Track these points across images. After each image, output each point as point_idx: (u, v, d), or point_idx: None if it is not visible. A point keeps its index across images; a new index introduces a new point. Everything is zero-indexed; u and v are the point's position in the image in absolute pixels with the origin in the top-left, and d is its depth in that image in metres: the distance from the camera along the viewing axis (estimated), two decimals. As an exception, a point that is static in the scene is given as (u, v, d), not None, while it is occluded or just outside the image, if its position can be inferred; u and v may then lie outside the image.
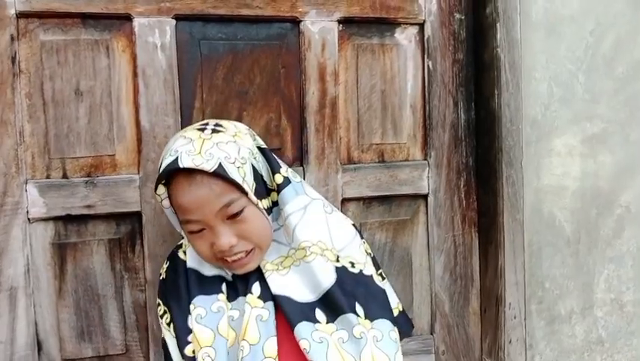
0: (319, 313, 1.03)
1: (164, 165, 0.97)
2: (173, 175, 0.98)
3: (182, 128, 1.28)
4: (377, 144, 1.46)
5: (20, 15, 1.20)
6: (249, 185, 0.98)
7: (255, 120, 1.35)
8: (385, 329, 1.05)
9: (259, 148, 1.06)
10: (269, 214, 1.04)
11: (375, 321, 1.05)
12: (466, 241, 1.54)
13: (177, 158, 0.95)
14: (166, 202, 1.02)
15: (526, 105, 1.47)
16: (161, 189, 1.01)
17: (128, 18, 1.25)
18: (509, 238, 1.46)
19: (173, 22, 1.28)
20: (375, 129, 1.45)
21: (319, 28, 1.38)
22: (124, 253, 1.30)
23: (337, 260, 1.07)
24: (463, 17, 1.50)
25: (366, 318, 1.04)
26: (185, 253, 1.09)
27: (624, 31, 1.54)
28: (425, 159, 1.50)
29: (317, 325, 1.02)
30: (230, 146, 0.99)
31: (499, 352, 1.49)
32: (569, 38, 1.50)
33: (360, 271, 1.09)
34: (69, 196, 1.24)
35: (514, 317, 1.47)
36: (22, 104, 1.21)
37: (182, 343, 1.04)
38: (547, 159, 1.50)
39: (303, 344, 0.99)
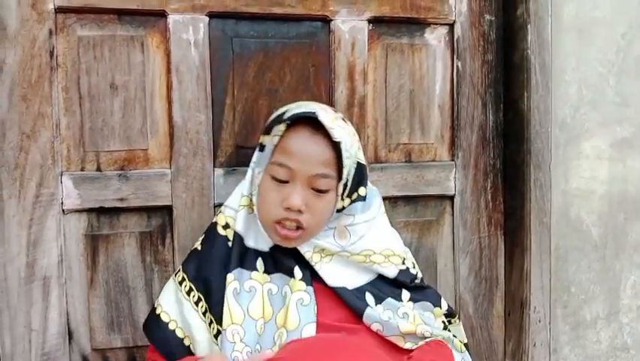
0: (369, 297, 1.09)
1: (299, 111, 1.02)
2: (295, 124, 1.02)
3: (212, 125, 1.31)
4: (404, 144, 1.47)
5: (59, 10, 1.23)
6: (345, 177, 1.04)
7: (284, 118, 1.37)
8: (428, 307, 1.16)
9: (358, 162, 1.10)
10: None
11: (418, 303, 1.15)
12: (492, 243, 1.54)
13: (315, 112, 1.00)
14: (276, 139, 1.03)
15: (555, 108, 1.47)
16: (283, 126, 1.02)
17: (162, 15, 1.28)
18: (536, 241, 1.46)
19: (207, 19, 1.30)
20: (403, 129, 1.46)
21: (349, 27, 1.39)
22: (154, 246, 1.32)
23: (403, 262, 1.15)
24: (493, 18, 1.50)
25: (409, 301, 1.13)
26: (223, 227, 1.12)
27: (657, 35, 1.53)
28: (452, 160, 1.50)
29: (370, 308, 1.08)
30: (350, 138, 1.06)
31: (522, 355, 1.49)
32: (600, 41, 1.50)
33: (416, 273, 1.19)
34: (102, 189, 1.27)
35: (539, 321, 1.47)
36: (58, 97, 1.24)
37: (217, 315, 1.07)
38: (575, 162, 1.50)
39: (376, 327, 1.07)
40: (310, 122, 1.01)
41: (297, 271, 1.07)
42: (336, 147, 1.01)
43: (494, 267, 1.55)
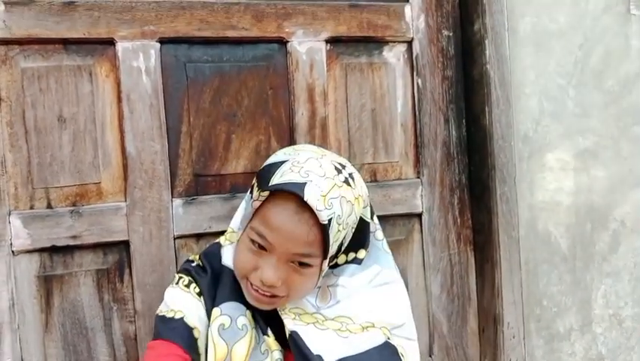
0: None
1: (287, 178, 0.88)
2: (284, 193, 0.89)
3: (169, 154, 1.24)
4: (369, 164, 1.41)
5: (0, 42, 1.15)
6: (333, 251, 0.92)
7: (244, 143, 1.30)
8: None
9: (361, 218, 0.98)
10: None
11: None
12: (462, 259, 1.49)
13: (305, 185, 0.86)
14: (256, 204, 0.92)
15: (517, 121, 1.44)
16: (266, 194, 0.90)
17: (111, 42, 1.21)
18: (505, 256, 1.42)
19: (158, 45, 1.23)
20: (367, 148, 1.41)
21: (307, 48, 1.34)
22: (112, 284, 1.24)
23: (389, 338, 0.98)
24: (451, 34, 1.47)
25: None
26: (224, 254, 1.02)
27: (613, 45, 1.51)
28: (418, 178, 1.45)
29: None
30: (347, 206, 0.90)
31: (499, 372, 1.44)
32: (557, 53, 1.47)
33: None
34: (54, 227, 1.18)
35: (513, 337, 1.43)
36: (3, 133, 1.15)
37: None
38: (540, 174, 1.47)
39: None
40: (295, 195, 0.88)
41: (270, 331, 0.96)
42: (323, 227, 0.88)
43: (466, 283, 1.49)
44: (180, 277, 1.02)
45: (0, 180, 1.15)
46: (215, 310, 0.95)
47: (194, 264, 1.05)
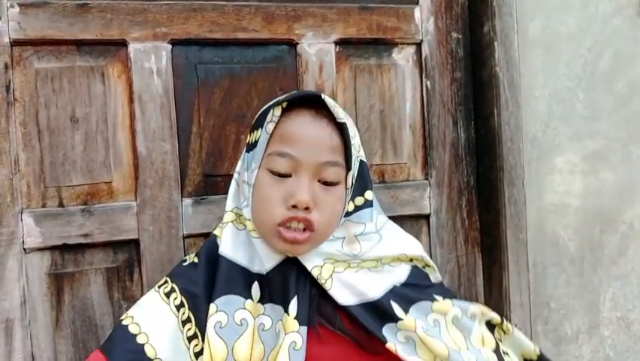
0: (395, 306, 0.90)
1: (293, 96, 0.88)
2: (295, 108, 0.87)
3: (179, 154, 1.23)
4: (377, 165, 1.40)
5: (14, 43, 1.15)
6: (353, 167, 0.89)
7: (253, 144, 1.29)
8: (464, 306, 0.98)
9: (361, 160, 0.95)
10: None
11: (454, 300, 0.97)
12: (470, 261, 1.47)
13: (316, 94, 0.87)
14: (271, 126, 0.88)
15: (526, 123, 1.41)
16: (278, 110, 0.87)
17: (123, 44, 1.20)
18: (513, 259, 1.40)
19: (169, 47, 1.23)
20: (375, 150, 1.39)
21: (316, 50, 1.33)
22: (122, 282, 1.23)
23: (411, 260, 0.99)
24: (460, 36, 1.45)
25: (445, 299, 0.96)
26: (221, 242, 0.93)
27: (622, 48, 1.48)
28: (426, 179, 1.44)
29: (399, 323, 0.89)
30: (353, 127, 0.92)
31: (505, 374, 1.42)
32: (567, 56, 1.45)
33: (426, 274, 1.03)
34: (65, 225, 1.18)
35: (521, 338, 1.40)
36: (16, 132, 1.15)
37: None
38: (548, 177, 1.44)
39: (391, 347, 0.88)
40: (308, 105, 0.87)
41: (293, 307, 0.87)
42: (342, 131, 0.87)
43: (473, 285, 1.48)
44: (164, 282, 0.95)
45: (13, 179, 1.14)
46: (212, 307, 0.87)
47: (186, 263, 0.97)
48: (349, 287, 0.91)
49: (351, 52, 1.37)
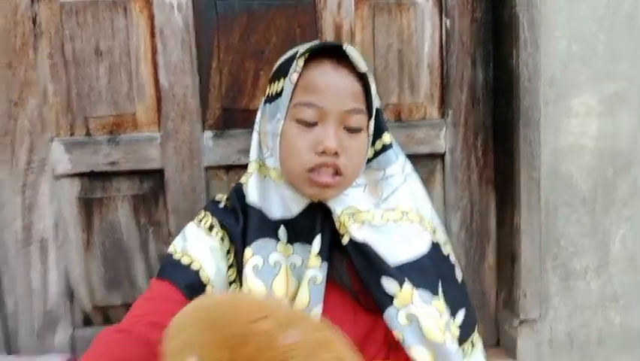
0: (404, 281, 0.86)
1: (309, 46, 0.85)
2: (316, 58, 0.85)
3: (200, 88, 1.20)
4: (394, 104, 1.34)
5: (41, -23, 1.12)
6: (374, 114, 0.88)
7: (272, 80, 1.25)
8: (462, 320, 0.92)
9: (376, 108, 0.93)
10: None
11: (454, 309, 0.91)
12: (483, 199, 1.42)
13: (339, 44, 0.84)
14: (295, 76, 0.85)
15: (545, 64, 1.33)
16: (302, 61, 0.84)
17: (145, -21, 1.17)
18: (525, 197, 1.34)
19: (190, -18, 1.18)
20: (392, 89, 1.34)
21: (335, -13, 1.26)
22: (147, 209, 1.24)
23: (434, 233, 0.94)
24: (481, -25, 1.36)
25: (445, 302, 0.90)
26: (247, 193, 0.91)
27: (649, -12, 1.37)
28: (442, 118, 1.38)
29: (397, 296, 0.85)
30: (372, 77, 0.89)
31: (513, 306, 1.39)
32: (590, -5, 1.35)
33: (448, 255, 0.96)
34: (93, 154, 1.18)
35: (530, 272, 1.36)
36: (44, 64, 1.14)
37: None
38: (565, 118, 1.37)
39: (398, 336, 0.84)
40: (329, 56, 0.84)
41: (316, 243, 0.86)
42: (362, 79, 0.85)
43: (485, 221, 1.43)
44: (204, 216, 0.93)
45: (42, 109, 1.14)
46: (247, 252, 0.86)
47: (221, 205, 0.95)
48: (369, 238, 0.88)
49: (370, -11, 1.30)
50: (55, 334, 1.20)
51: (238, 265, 0.87)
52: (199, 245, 0.88)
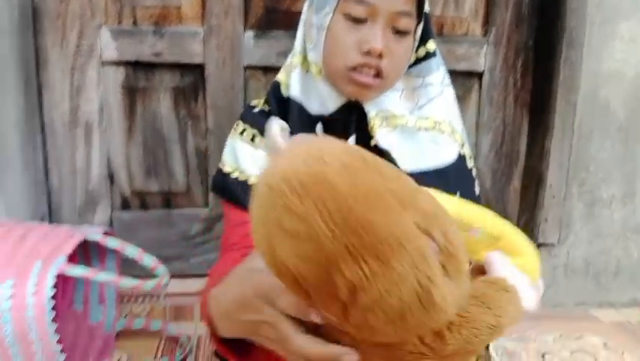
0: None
1: None
2: None
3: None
4: (437, 16, 1.32)
5: None
6: (422, 21, 0.85)
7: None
8: None
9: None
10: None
11: None
12: (516, 121, 1.42)
13: None
14: None
15: (594, -16, 1.28)
16: None
17: None
18: (559, 120, 1.33)
19: None
20: (437, 0, 1.31)
21: None
22: (187, 102, 1.27)
23: (462, 146, 0.93)
24: None
25: None
26: (287, 87, 0.90)
27: None
28: (485, 36, 1.35)
29: None
30: None
31: (534, 229, 1.41)
32: None
33: (471, 169, 0.95)
34: (138, 43, 1.20)
35: (554, 197, 1.37)
36: (95, -51, 1.15)
37: None
38: (609, 42, 1.33)
39: None
40: None
41: (350, 143, 0.84)
42: None
43: (516, 144, 1.43)
44: (244, 129, 0.91)
45: (92, -5, 1.16)
46: None
47: (257, 110, 0.94)
48: (392, 144, 0.88)
49: None
50: (95, 213, 1.27)
51: None
52: (248, 159, 0.89)
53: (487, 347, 0.90)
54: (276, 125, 0.43)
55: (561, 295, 1.43)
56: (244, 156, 0.89)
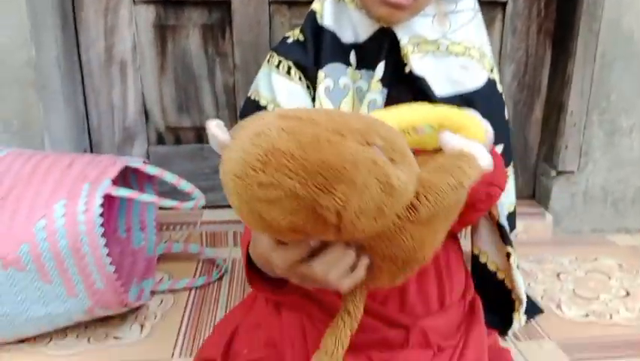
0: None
1: None
2: None
3: None
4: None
5: None
6: None
7: None
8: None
9: None
10: None
11: None
12: (539, 52, 1.42)
13: None
14: None
15: None
16: None
17: None
18: (582, 48, 1.33)
19: None
20: None
21: None
22: (215, 39, 1.30)
23: (491, 71, 0.93)
24: None
25: None
26: (322, 16, 0.89)
27: None
28: (508, -35, 1.34)
29: None
30: None
31: (554, 157, 1.43)
32: None
33: (501, 93, 0.95)
34: (166, -19, 1.23)
35: (574, 125, 1.38)
36: None
37: None
38: (636, -32, 1.30)
39: None
40: None
41: (380, 69, 0.86)
42: None
43: (539, 75, 1.43)
44: (280, 61, 0.91)
45: None
46: (320, 74, 0.87)
47: (290, 41, 0.94)
48: (428, 70, 0.88)
49: None
50: (133, 148, 1.34)
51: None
52: (285, 91, 0.90)
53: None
54: (213, 124, 0.49)
55: (579, 222, 1.46)
56: (280, 90, 0.90)
